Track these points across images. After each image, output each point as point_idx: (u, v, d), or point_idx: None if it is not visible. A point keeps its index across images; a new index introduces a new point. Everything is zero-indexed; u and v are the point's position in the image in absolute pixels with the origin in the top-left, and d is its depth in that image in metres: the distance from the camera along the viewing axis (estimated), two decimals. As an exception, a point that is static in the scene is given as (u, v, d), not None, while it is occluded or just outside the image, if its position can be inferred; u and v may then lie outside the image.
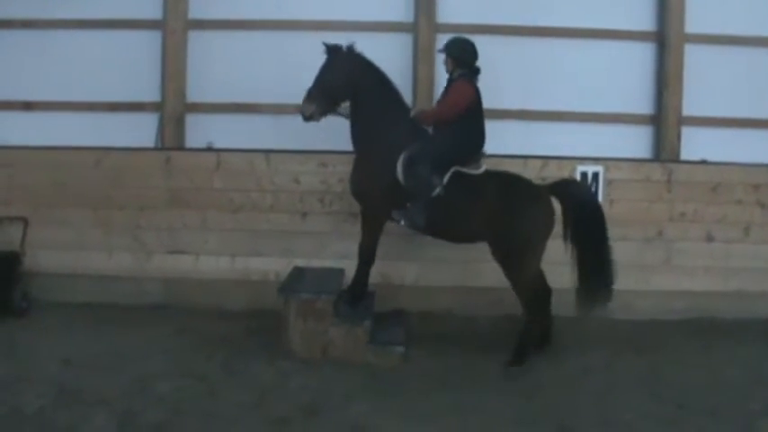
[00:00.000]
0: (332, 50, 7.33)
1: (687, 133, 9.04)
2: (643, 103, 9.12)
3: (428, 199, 7.07)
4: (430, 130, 7.41)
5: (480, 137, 7.32)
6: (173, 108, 8.98)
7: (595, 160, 8.52)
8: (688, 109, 9.03)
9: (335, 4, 8.97)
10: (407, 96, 8.68)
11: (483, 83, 7.35)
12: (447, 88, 7.40)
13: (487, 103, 7.35)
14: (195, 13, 9.04)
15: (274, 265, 8.42)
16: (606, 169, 8.47)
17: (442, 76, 8.74)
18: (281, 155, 8.63)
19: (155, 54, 9.05)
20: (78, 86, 9.03)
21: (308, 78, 7.29)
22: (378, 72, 7.43)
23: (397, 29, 9.02)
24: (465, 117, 7.16)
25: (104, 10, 9.01)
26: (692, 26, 9.01)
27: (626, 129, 9.07)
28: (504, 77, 8.66)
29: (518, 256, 7.12)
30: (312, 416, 5.90)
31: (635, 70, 9.09)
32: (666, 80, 8.98)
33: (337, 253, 8.37)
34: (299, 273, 7.95)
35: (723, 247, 8.58)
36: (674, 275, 8.52)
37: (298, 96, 7.51)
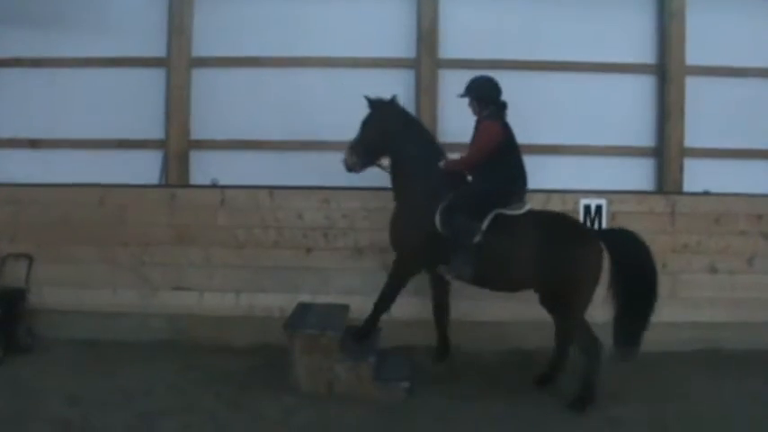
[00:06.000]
0: (374, 104, 7.39)
1: (689, 165, 9.08)
2: (645, 136, 9.17)
3: (470, 247, 6.92)
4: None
5: (518, 174, 7.16)
6: (177, 145, 9.05)
7: (598, 193, 8.51)
8: (690, 140, 9.07)
9: (338, 40, 9.05)
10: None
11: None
12: (475, 130, 7.27)
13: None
14: (199, 50, 9.14)
15: (279, 301, 8.39)
16: (609, 202, 8.47)
17: (444, 112, 8.91)
18: (284, 191, 8.65)
19: (159, 91, 9.15)
20: (83, 124, 9.13)
21: (311, 114, 7.34)
22: (417, 125, 7.49)
23: (399, 65, 9.10)
24: (497, 157, 7.03)
25: (109, 48, 9.12)
26: (692, 58, 9.07)
27: (628, 161, 9.11)
28: (507, 111, 8.71)
29: (565, 301, 6.88)
30: (317, 452, 5.90)
31: (636, 103, 9.16)
32: (668, 112, 9.04)
33: (342, 288, 8.39)
34: (303, 308, 7.93)
35: (727, 278, 8.55)
36: (680, 307, 8.47)
37: (301, 133, 7.62)
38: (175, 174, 9.06)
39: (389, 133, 7.34)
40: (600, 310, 6.95)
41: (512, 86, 8.83)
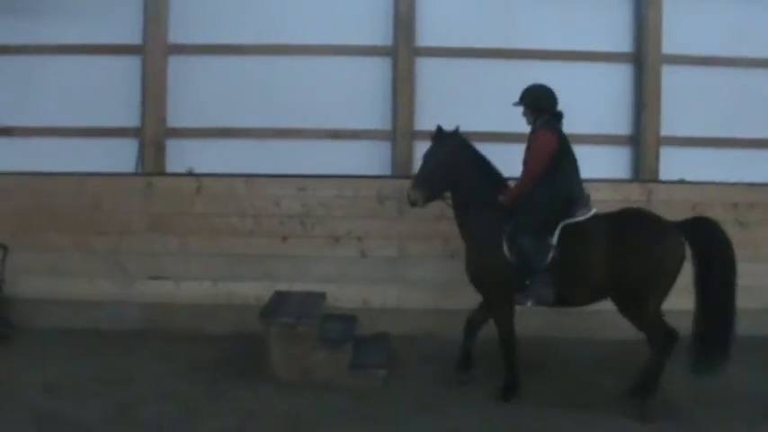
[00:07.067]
0: (437, 137, 7.10)
1: (666, 153, 9.12)
2: (621, 124, 9.20)
3: (544, 267, 6.59)
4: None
5: (576, 180, 6.84)
6: (153, 133, 8.99)
7: (575, 181, 8.53)
8: (666, 129, 9.11)
9: (315, 28, 9.02)
10: (387, 120, 8.78)
11: (465, 106, 7.34)
12: (529, 141, 6.95)
13: (470, 125, 7.34)
14: (175, 38, 9.07)
15: (255, 290, 8.37)
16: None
17: (422, 100, 8.89)
18: (261, 179, 8.64)
19: (135, 79, 9.07)
20: (58, 112, 9.04)
21: (288, 102, 7.27)
22: (479, 157, 7.11)
23: (376, 53, 9.07)
24: (553, 167, 6.71)
25: (84, 35, 9.03)
26: (669, 47, 9.10)
27: (605, 149, 9.11)
28: (485, 100, 8.76)
29: (642, 300, 6.51)
30: (294, 440, 5.90)
31: (613, 91, 9.18)
32: (644, 101, 9.06)
33: (318, 277, 8.39)
34: (280, 297, 7.93)
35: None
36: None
37: (277, 120, 7.56)
38: (152, 162, 9.00)
39: (456, 168, 7.00)
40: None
41: (489, 75, 9.00)
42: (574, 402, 6.66)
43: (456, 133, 7.08)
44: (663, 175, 9.04)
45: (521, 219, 6.66)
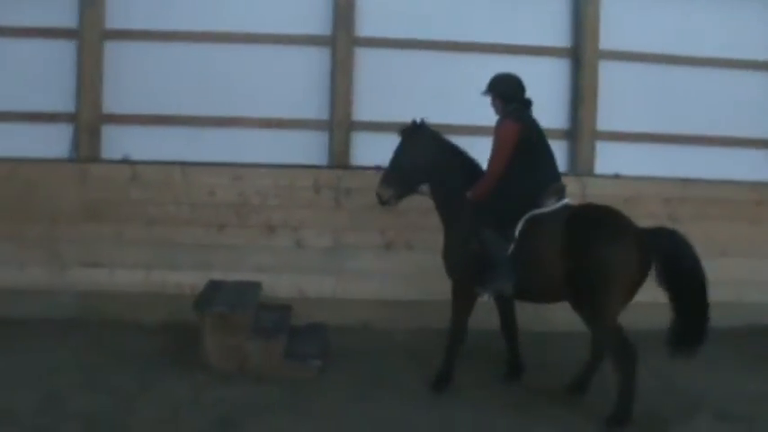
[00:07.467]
0: (406, 132, 7.01)
1: (601, 148, 9.23)
2: (558, 118, 9.24)
3: (505, 260, 6.42)
4: None
5: (545, 168, 6.67)
6: (88, 119, 8.84)
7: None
8: (602, 124, 9.22)
9: (254, 16, 8.93)
10: (324, 110, 8.77)
11: (404, 97, 7.32)
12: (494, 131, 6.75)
13: (409, 117, 7.30)
14: (112, 23, 8.91)
15: (190, 279, 8.31)
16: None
17: (360, 91, 8.90)
18: (196, 167, 8.59)
19: (70, 64, 8.90)
20: (-10, 96, 8.87)
21: (226, 90, 7.20)
22: (452, 148, 7.03)
23: (315, 42, 9.01)
24: (518, 156, 6.54)
25: (17, 18, 8.82)
26: (606, 43, 9.19)
27: (542, 143, 9.18)
28: (423, 92, 8.80)
29: (592, 304, 6.21)
30: (228, 430, 5.89)
31: (550, 86, 9.19)
32: (581, 96, 9.16)
33: (254, 266, 8.36)
34: (215, 286, 7.90)
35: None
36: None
37: (215, 108, 7.50)
38: (86, 148, 8.83)
39: (427, 160, 6.90)
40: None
41: (428, 67, 9.03)
42: (510, 397, 6.75)
43: (424, 126, 7.03)
44: (599, 170, 9.14)
45: (485, 210, 6.57)
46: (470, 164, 6.98)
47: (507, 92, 6.81)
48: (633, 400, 6.04)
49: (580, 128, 9.14)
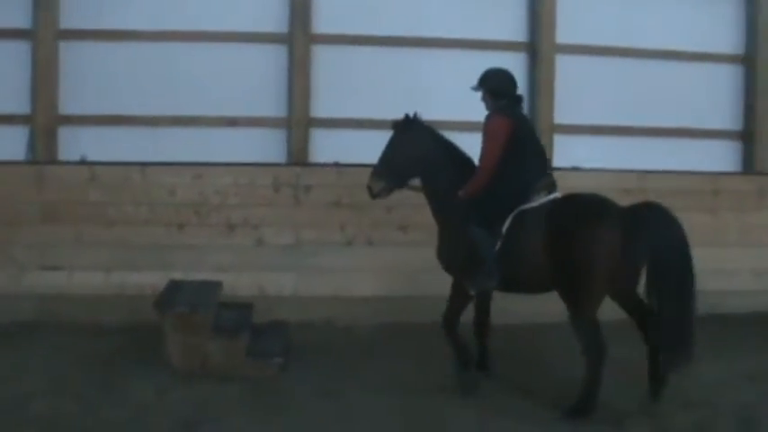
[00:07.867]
0: (399, 126, 6.91)
1: (559, 141, 9.34)
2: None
3: (493, 257, 6.35)
4: None
5: (535, 164, 6.54)
6: (44, 120, 8.78)
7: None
8: (560, 117, 9.33)
9: (211, 15, 8.93)
10: (282, 108, 8.75)
11: (362, 94, 7.30)
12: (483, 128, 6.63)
13: (366, 113, 7.27)
14: (66, 23, 8.85)
15: (151, 279, 8.22)
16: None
17: (318, 88, 8.88)
18: (156, 167, 8.52)
19: (25, 65, 8.82)
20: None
21: (184, 89, 7.17)
22: (445, 142, 6.91)
23: (272, 39, 9.02)
24: (508, 152, 6.41)
25: (-31, 19, 8.76)
26: (563, 37, 9.30)
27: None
28: (381, 88, 8.84)
29: (574, 295, 6.12)
30: (191, 430, 5.84)
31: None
32: (538, 89, 9.26)
33: (214, 265, 8.32)
34: (175, 286, 7.83)
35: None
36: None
37: (173, 107, 7.46)
38: (43, 150, 8.78)
39: (419, 153, 6.78)
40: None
41: (386, 63, 9.05)
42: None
43: (417, 121, 6.91)
44: (557, 163, 9.15)
45: (475, 207, 6.49)
46: (463, 159, 6.89)
47: (498, 87, 6.69)
48: (597, 394, 6.01)
49: (537, 121, 9.16)
